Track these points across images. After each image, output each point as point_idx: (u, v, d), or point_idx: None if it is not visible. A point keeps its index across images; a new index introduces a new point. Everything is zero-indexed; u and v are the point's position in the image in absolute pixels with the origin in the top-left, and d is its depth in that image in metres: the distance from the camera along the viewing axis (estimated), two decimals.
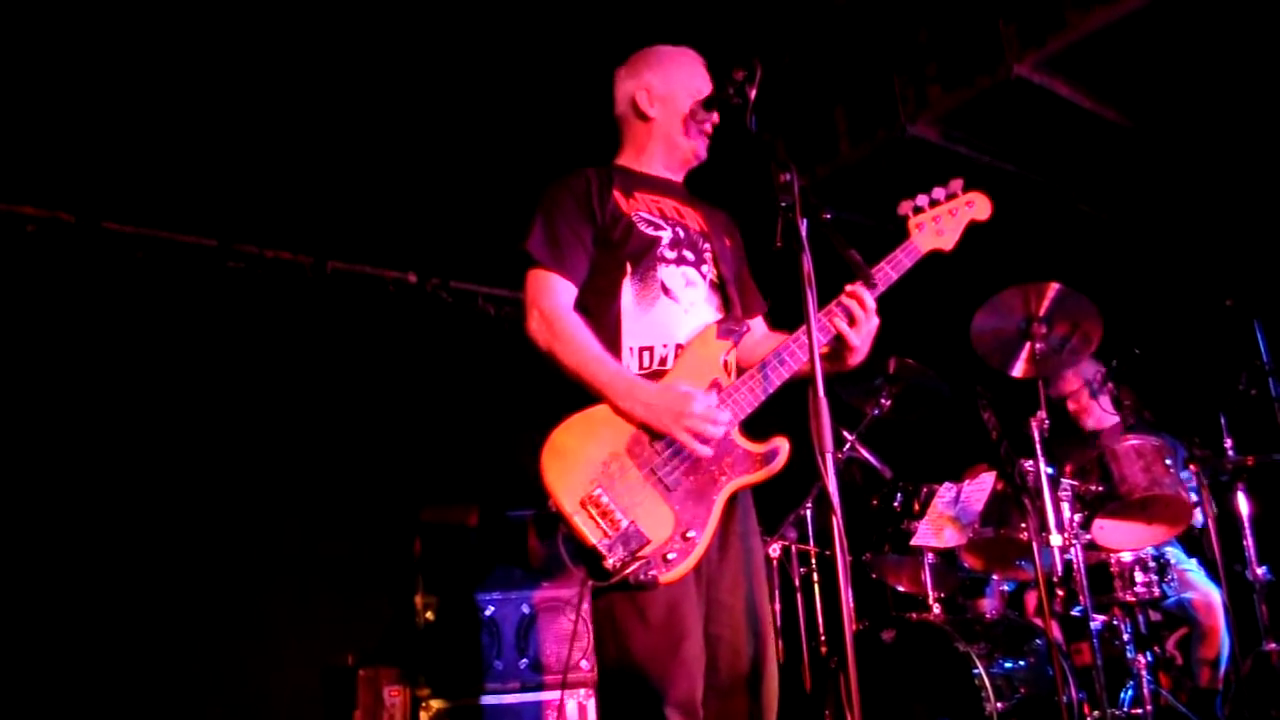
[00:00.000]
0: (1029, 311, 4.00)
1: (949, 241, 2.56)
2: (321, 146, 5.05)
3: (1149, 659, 3.80)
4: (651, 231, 2.49)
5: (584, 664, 4.31)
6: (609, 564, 2.15)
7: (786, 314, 2.32)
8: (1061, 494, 3.81)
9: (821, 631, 4.70)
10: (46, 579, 4.50)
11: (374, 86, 4.81)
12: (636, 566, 2.16)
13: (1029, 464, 3.77)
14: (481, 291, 6.10)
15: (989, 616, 4.20)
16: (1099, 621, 3.81)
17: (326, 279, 5.60)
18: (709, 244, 2.59)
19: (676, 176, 2.68)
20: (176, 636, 4.73)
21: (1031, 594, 4.72)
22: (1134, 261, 5.54)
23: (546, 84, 4.90)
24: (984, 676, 3.61)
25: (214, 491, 5.01)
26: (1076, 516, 3.81)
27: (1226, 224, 5.27)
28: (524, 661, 4.47)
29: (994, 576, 4.43)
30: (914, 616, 4.08)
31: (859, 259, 2.31)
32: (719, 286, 2.57)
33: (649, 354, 2.41)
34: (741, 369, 2.43)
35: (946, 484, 4.24)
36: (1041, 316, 3.98)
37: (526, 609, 4.55)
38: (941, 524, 4.13)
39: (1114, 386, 4.29)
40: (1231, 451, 3.96)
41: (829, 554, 4.07)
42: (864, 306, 2.39)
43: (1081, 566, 3.69)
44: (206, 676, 4.78)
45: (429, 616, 4.86)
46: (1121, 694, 3.92)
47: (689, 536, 2.23)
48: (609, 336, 2.39)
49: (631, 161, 2.66)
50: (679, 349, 2.41)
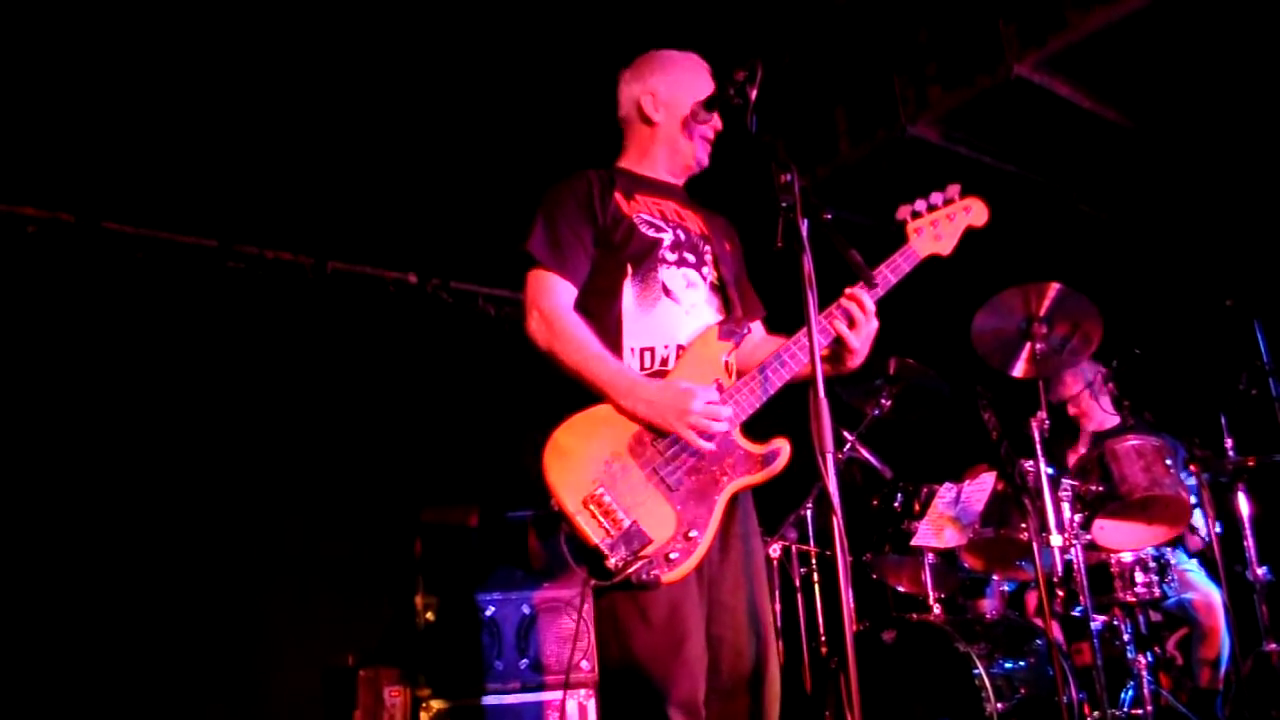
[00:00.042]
0: (1029, 312, 4.00)
1: (947, 246, 2.58)
2: (321, 147, 5.05)
3: (1149, 659, 3.81)
4: (653, 234, 2.49)
5: (584, 664, 4.31)
6: (611, 563, 2.14)
7: (787, 314, 2.32)
8: (1062, 494, 3.81)
9: (822, 632, 4.70)
10: (47, 579, 4.50)
11: (374, 87, 4.81)
12: (639, 566, 2.16)
13: (1029, 464, 3.77)
14: (482, 292, 6.10)
15: (989, 617, 4.20)
16: (1099, 622, 3.81)
17: (327, 279, 5.60)
18: (709, 246, 2.59)
19: (677, 180, 2.68)
20: (177, 636, 4.73)
21: (1032, 594, 4.72)
22: (1134, 262, 5.53)
23: (547, 84, 4.90)
24: (984, 677, 3.61)
25: (215, 492, 5.01)
26: (1077, 517, 3.81)
27: (1227, 224, 5.27)
28: (524, 662, 4.47)
29: (994, 577, 4.43)
30: (914, 617, 4.08)
31: (859, 259, 2.32)
32: (719, 288, 2.56)
33: (650, 354, 2.41)
34: (740, 373, 2.43)
35: (947, 484, 4.24)
36: (1042, 317, 3.98)
37: (527, 609, 4.55)
38: (942, 524, 4.13)
39: (1114, 387, 4.29)
40: (1232, 452, 3.97)
41: (829, 554, 4.08)
42: (863, 309, 2.39)
43: (1082, 567, 3.69)
44: (207, 676, 4.78)
45: (429, 617, 4.86)
46: (1122, 694, 3.92)
47: (691, 536, 2.23)
48: (610, 337, 2.38)
49: (633, 164, 2.66)
50: (680, 350, 2.41)
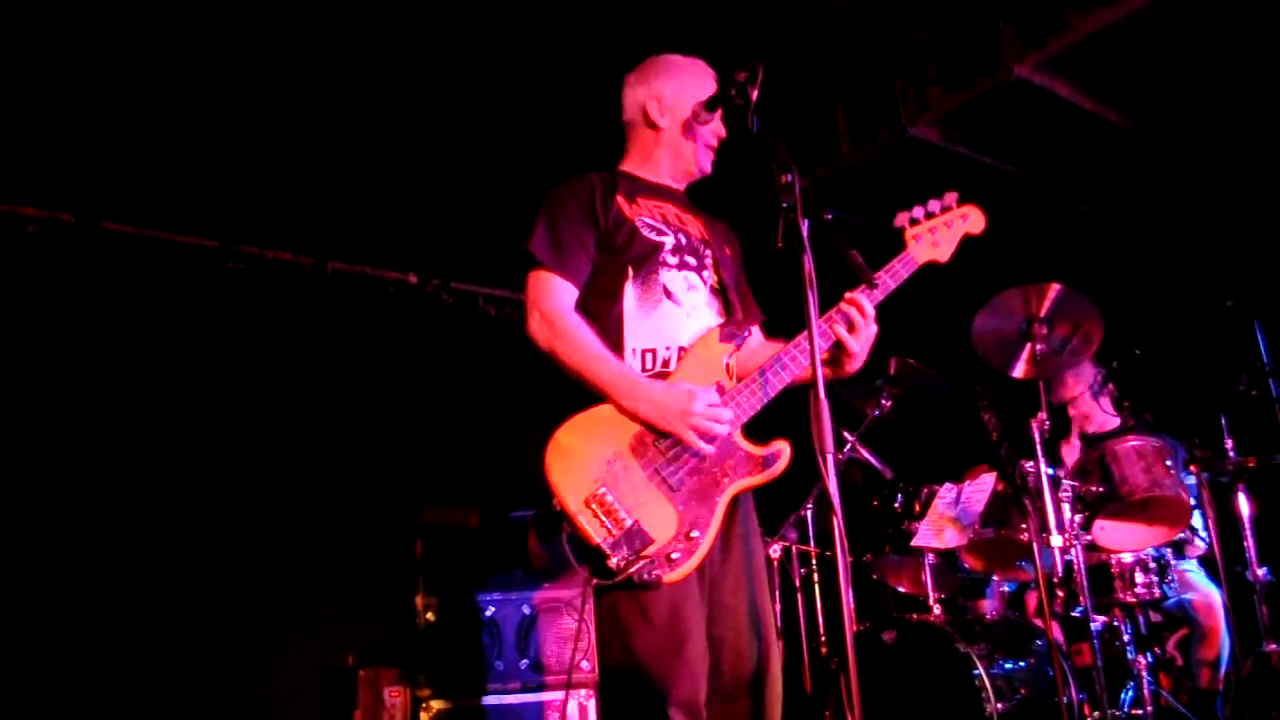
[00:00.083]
0: (1030, 312, 4.00)
1: (944, 253, 2.60)
2: (322, 147, 5.05)
3: (1149, 660, 3.81)
4: (655, 237, 2.50)
5: (584, 664, 4.31)
6: (612, 563, 2.14)
7: (787, 315, 2.32)
8: (1062, 495, 3.81)
9: (822, 632, 4.70)
10: (47, 579, 4.50)
11: (375, 87, 4.81)
12: (640, 565, 2.15)
13: (1029, 465, 3.77)
14: (482, 292, 6.10)
15: (989, 617, 4.20)
16: (1099, 622, 3.81)
17: (327, 280, 5.60)
18: (710, 251, 2.60)
19: (679, 185, 2.69)
20: (178, 637, 4.73)
21: (1032, 595, 4.72)
22: (1135, 263, 5.53)
23: (547, 84, 4.90)
24: (984, 677, 3.61)
25: (215, 492, 5.01)
26: (1077, 517, 3.81)
27: (1227, 225, 5.27)
28: (524, 662, 4.47)
29: (994, 577, 4.43)
30: (914, 617, 4.08)
31: (860, 260, 2.32)
32: (720, 291, 2.57)
33: (651, 356, 2.42)
34: (739, 377, 2.44)
35: (947, 485, 4.24)
36: (1042, 317, 3.98)
37: (527, 609, 4.55)
38: (942, 525, 4.13)
39: (1114, 388, 4.29)
40: (1232, 453, 3.97)
41: (830, 555, 4.08)
42: (863, 313, 2.40)
43: (1082, 567, 3.69)
44: (207, 676, 4.78)
45: (429, 617, 4.86)
46: (1122, 695, 3.92)
47: (692, 536, 2.23)
48: (611, 338, 2.38)
49: (636, 168, 2.67)
50: (681, 352, 2.42)
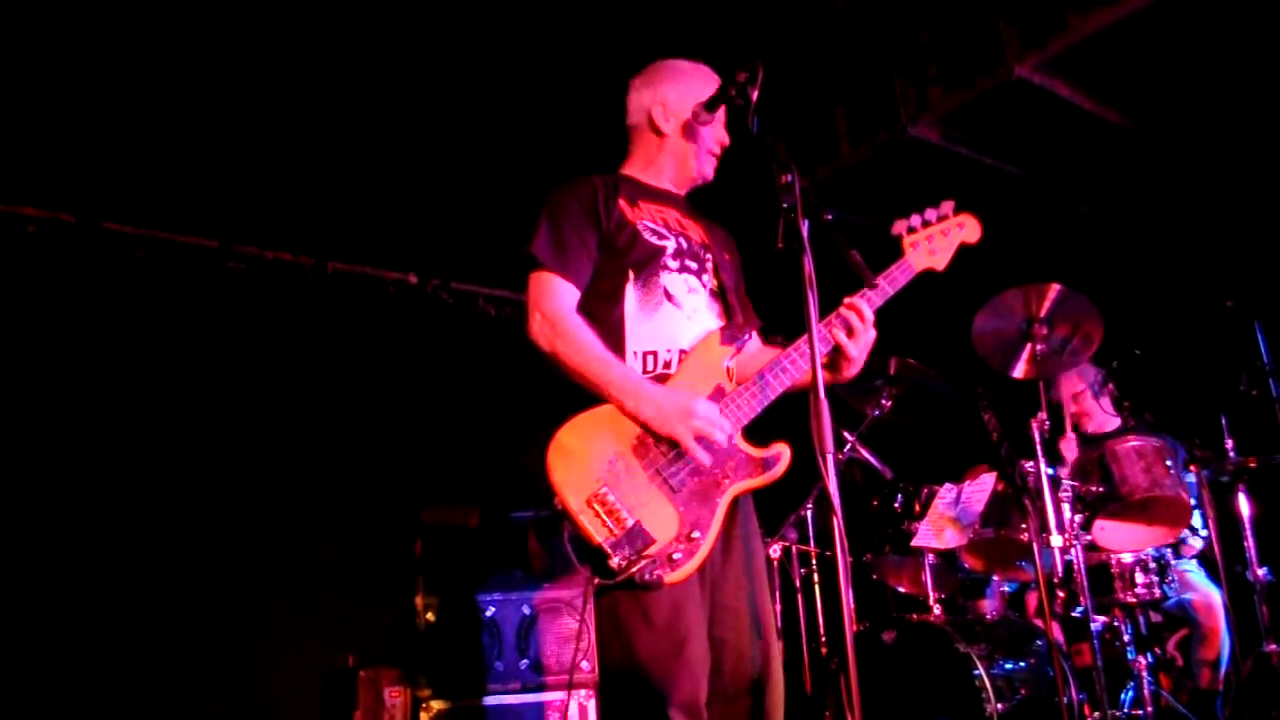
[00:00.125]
0: (1030, 312, 4.00)
1: (941, 261, 2.61)
2: (322, 147, 5.05)
3: (1149, 660, 3.81)
4: (657, 241, 2.51)
5: (584, 665, 4.31)
6: (614, 563, 2.14)
7: (788, 316, 2.32)
8: (1062, 495, 3.82)
9: (822, 632, 4.70)
10: (48, 579, 4.50)
11: (375, 87, 4.81)
12: (642, 565, 2.16)
13: (1029, 465, 3.77)
14: (482, 292, 6.10)
15: (989, 617, 4.20)
16: (1099, 622, 3.81)
17: (327, 280, 5.60)
18: (710, 255, 2.61)
19: (680, 191, 2.70)
20: (178, 637, 4.73)
21: (1032, 595, 4.72)
22: (1135, 263, 5.53)
23: (547, 84, 4.90)
24: (984, 677, 3.61)
25: (215, 492, 5.00)
26: (1077, 517, 3.82)
27: (1227, 225, 5.27)
28: (525, 662, 4.47)
29: (994, 577, 4.43)
30: (914, 617, 4.08)
31: (860, 260, 2.32)
32: (720, 295, 2.58)
33: (653, 358, 2.42)
34: (738, 381, 2.44)
35: (947, 485, 4.24)
36: (1042, 317, 3.98)
37: (527, 610, 4.55)
38: (942, 525, 4.13)
39: (1114, 388, 4.29)
40: (1232, 453, 3.97)
41: (830, 555, 4.08)
42: (862, 318, 2.41)
43: (1082, 567, 3.69)
44: (208, 677, 4.77)
45: (430, 617, 4.86)
46: (1122, 695, 3.92)
47: (694, 537, 2.23)
48: (612, 340, 2.39)
49: (638, 172, 2.67)
50: (682, 354, 2.43)
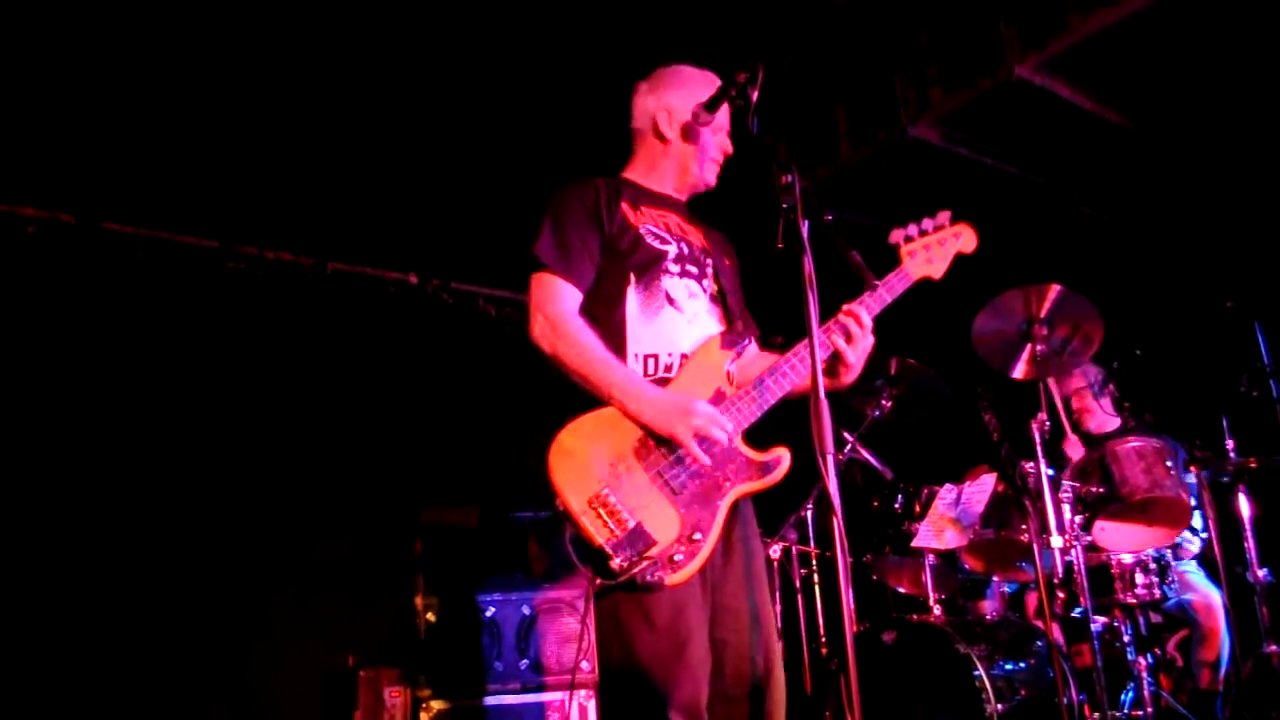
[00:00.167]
0: (1030, 313, 3.99)
1: (938, 270, 2.63)
2: (322, 147, 5.05)
3: (1149, 661, 3.80)
4: (659, 245, 2.52)
5: (584, 665, 4.31)
6: (615, 564, 2.15)
7: (788, 316, 2.32)
8: (1062, 495, 3.81)
9: (822, 633, 4.70)
10: (48, 580, 4.50)
11: (375, 88, 4.81)
12: (643, 566, 2.16)
13: (1030, 465, 3.77)
14: (482, 293, 6.10)
15: (990, 618, 4.20)
16: (1099, 623, 3.81)
17: (327, 280, 5.60)
18: (710, 260, 2.62)
19: (681, 196, 2.71)
20: (178, 637, 4.73)
21: (1032, 595, 4.72)
22: (1135, 263, 5.53)
23: (547, 84, 4.90)
24: (984, 678, 3.61)
25: (215, 493, 5.00)
26: (1077, 518, 3.81)
27: (1227, 226, 5.26)
28: (524, 662, 4.47)
29: (995, 578, 4.43)
30: (915, 618, 4.08)
31: (860, 260, 2.33)
32: (720, 300, 2.60)
33: (654, 361, 2.43)
34: (738, 386, 2.45)
35: (947, 485, 4.24)
36: (1043, 318, 3.97)
37: (527, 610, 4.55)
38: (942, 525, 4.13)
39: (1115, 388, 4.29)
40: (1233, 453, 3.96)
41: (830, 555, 4.08)
42: (861, 324, 2.43)
43: (1082, 568, 3.69)
44: (208, 677, 4.77)
45: (430, 617, 4.87)
46: (1122, 696, 3.92)
47: (695, 539, 2.24)
48: (614, 343, 2.40)
49: (641, 177, 2.68)
50: (683, 358, 2.44)
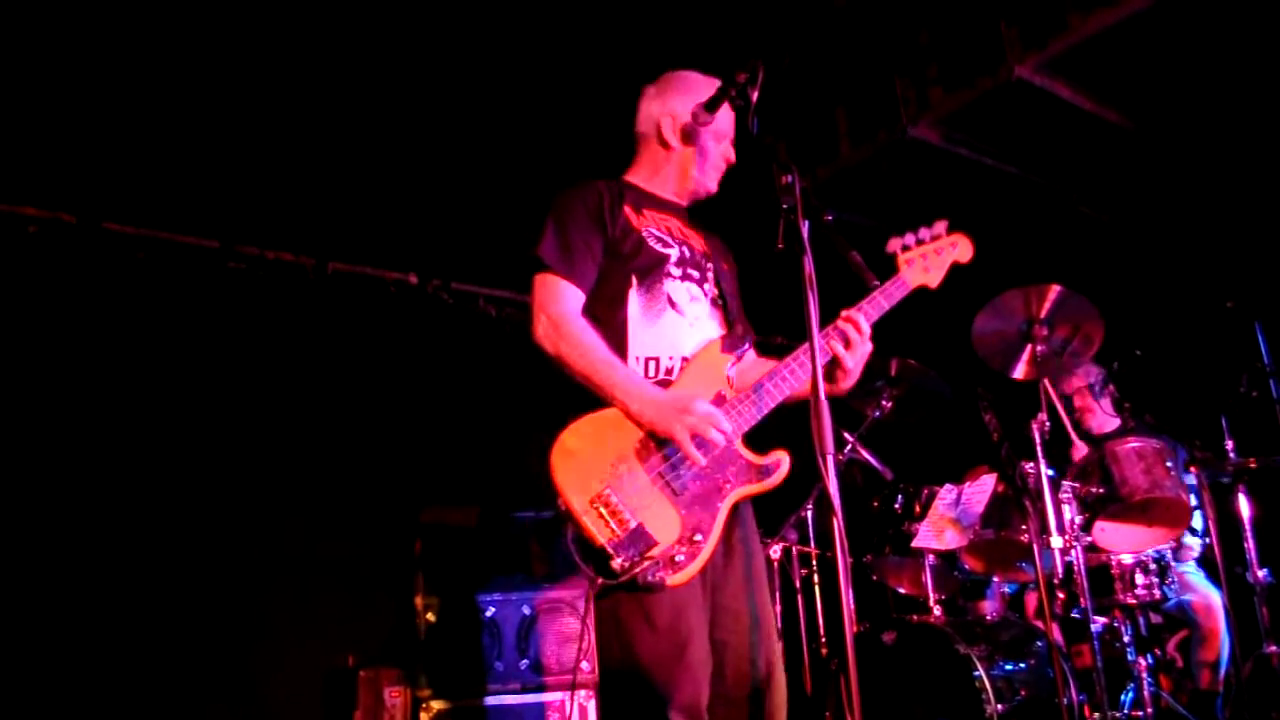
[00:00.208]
0: (1030, 313, 3.99)
1: (935, 279, 2.64)
2: (323, 147, 5.05)
3: (1149, 661, 3.81)
4: (661, 248, 2.53)
5: (584, 665, 4.31)
6: (617, 564, 2.15)
7: (788, 317, 2.32)
8: (1062, 496, 3.81)
9: (822, 633, 4.70)
10: (48, 580, 4.50)
11: (376, 88, 4.81)
12: (645, 567, 2.17)
13: (1030, 466, 3.77)
14: (483, 293, 6.09)
15: (990, 618, 4.20)
16: (1099, 624, 3.81)
17: (328, 280, 5.59)
18: (711, 264, 2.63)
19: (683, 202, 2.72)
20: (178, 637, 4.72)
21: (1032, 596, 4.72)
22: (1135, 264, 5.53)
23: (547, 84, 4.90)
24: (984, 678, 3.61)
25: (215, 492, 5.00)
26: (1077, 518, 3.82)
27: (1228, 226, 5.27)
28: (525, 662, 4.47)
29: (995, 578, 4.43)
30: (915, 618, 4.09)
31: (860, 260, 2.33)
32: (720, 304, 2.61)
33: (655, 364, 2.44)
34: (738, 390, 2.45)
35: (947, 486, 4.24)
36: (1043, 318, 3.97)
37: (527, 610, 4.55)
38: (942, 526, 4.13)
39: (1115, 389, 4.29)
40: (1233, 454, 3.97)
41: (830, 556, 4.08)
42: (860, 330, 2.44)
43: (1082, 568, 3.69)
44: (207, 677, 4.77)
45: (430, 617, 4.87)
46: (1122, 696, 3.92)
47: (696, 540, 2.24)
48: (615, 345, 2.40)
49: (643, 181, 2.69)
50: (684, 361, 2.45)
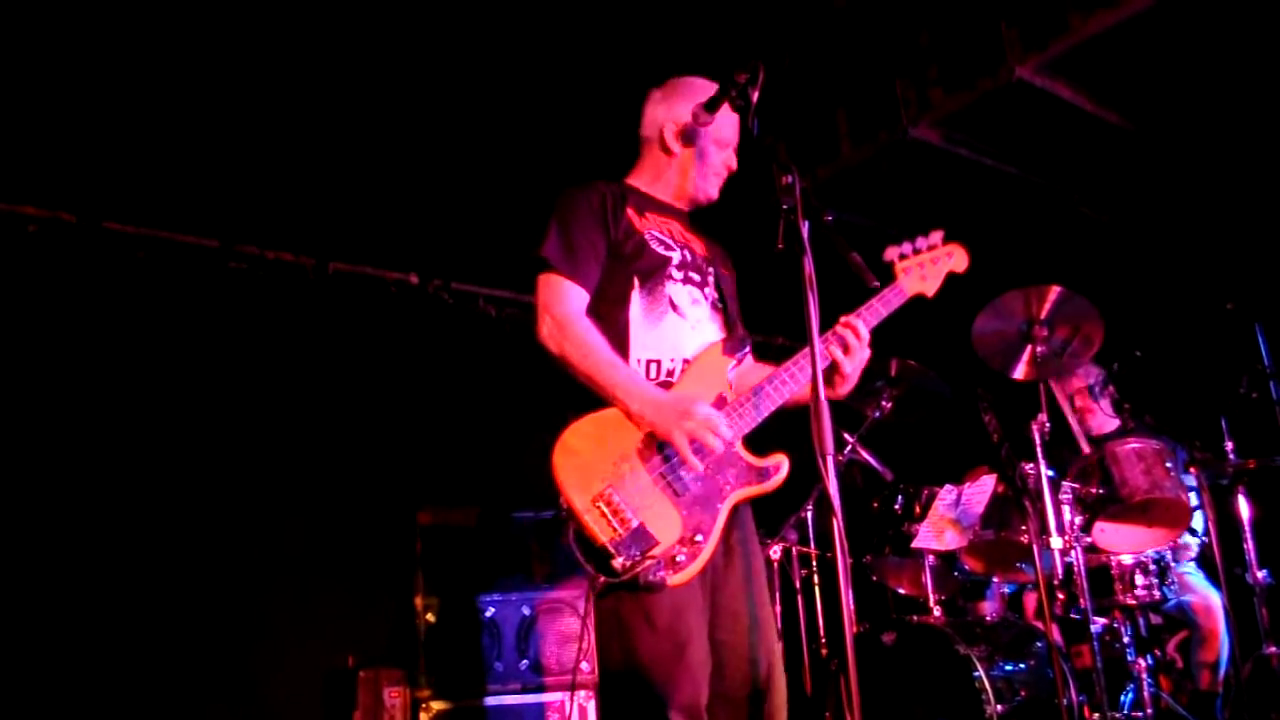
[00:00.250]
0: (1030, 314, 3.99)
1: (931, 288, 2.65)
2: (323, 147, 5.05)
3: (1149, 662, 3.81)
4: (663, 251, 2.54)
5: (584, 665, 4.31)
6: (618, 563, 2.15)
7: (788, 317, 2.32)
8: (1062, 497, 3.81)
9: (822, 633, 4.70)
10: (47, 580, 4.50)
11: (376, 88, 4.81)
12: (646, 566, 2.17)
13: (1030, 466, 3.77)
14: (483, 293, 6.09)
15: (989, 619, 4.20)
16: (1099, 624, 3.81)
17: (328, 280, 5.59)
18: (711, 268, 2.65)
19: (683, 206, 2.73)
20: (178, 637, 4.72)
21: (1032, 596, 4.72)
22: (1135, 264, 5.53)
23: (547, 84, 4.90)
24: (984, 679, 3.61)
25: (215, 492, 5.00)
26: (1077, 519, 3.82)
27: (1228, 227, 5.27)
28: (524, 663, 4.47)
29: (994, 579, 4.43)
30: (914, 619, 4.08)
31: (860, 261, 2.33)
32: (720, 307, 2.62)
33: (656, 366, 2.45)
34: (737, 393, 2.46)
35: (947, 486, 4.24)
36: (1043, 319, 3.97)
37: (527, 610, 4.55)
38: (942, 526, 4.13)
39: (1115, 390, 4.29)
40: (1232, 455, 3.97)
41: (830, 556, 4.08)
42: (858, 336, 2.46)
43: (1082, 569, 3.69)
44: (207, 677, 4.77)
45: (429, 618, 4.87)
46: (1122, 697, 3.92)
47: (696, 541, 2.25)
48: (617, 346, 2.41)
49: (645, 184, 2.70)
50: (686, 363, 2.46)
